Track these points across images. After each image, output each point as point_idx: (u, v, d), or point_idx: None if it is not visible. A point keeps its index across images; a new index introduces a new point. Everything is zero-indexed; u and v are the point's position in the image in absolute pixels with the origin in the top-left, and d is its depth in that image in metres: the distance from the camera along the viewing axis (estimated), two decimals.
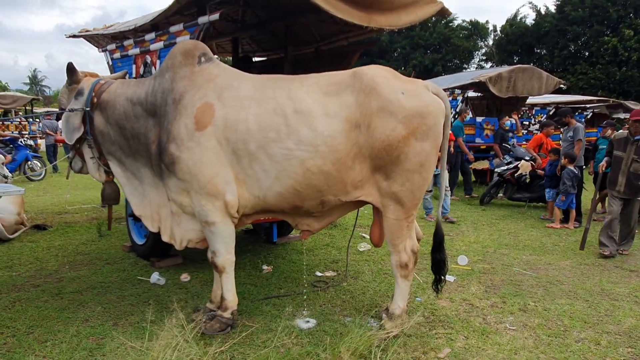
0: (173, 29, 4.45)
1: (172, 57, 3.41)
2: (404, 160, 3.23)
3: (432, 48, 37.07)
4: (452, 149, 8.79)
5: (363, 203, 3.53)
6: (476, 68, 37.10)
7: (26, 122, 17.92)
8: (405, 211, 3.35)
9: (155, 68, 4.78)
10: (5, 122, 16.43)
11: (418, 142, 3.23)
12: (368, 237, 6.42)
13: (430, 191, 7.97)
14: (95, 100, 3.55)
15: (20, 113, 20.39)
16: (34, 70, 58.12)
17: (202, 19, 4.00)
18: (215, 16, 3.89)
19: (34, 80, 56.54)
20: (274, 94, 3.26)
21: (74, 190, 9.41)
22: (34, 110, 19.83)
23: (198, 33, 4.11)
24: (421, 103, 3.24)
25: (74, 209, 8.25)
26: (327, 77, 3.35)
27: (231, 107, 3.25)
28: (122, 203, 4.76)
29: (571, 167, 7.54)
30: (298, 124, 3.14)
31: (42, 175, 12.11)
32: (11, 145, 11.39)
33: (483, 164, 11.29)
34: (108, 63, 5.78)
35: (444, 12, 4.52)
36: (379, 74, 3.28)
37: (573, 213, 7.64)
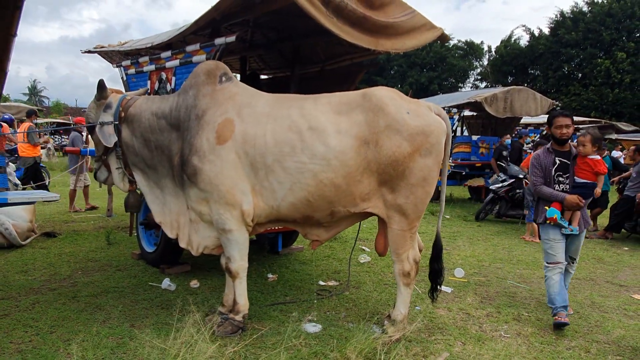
0: (189, 48, 4.72)
1: (196, 76, 3.67)
2: (409, 175, 3.49)
3: (429, 67, 37.78)
4: None
5: (369, 214, 3.77)
6: (471, 87, 37.78)
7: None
8: (409, 222, 3.61)
9: (170, 84, 5.05)
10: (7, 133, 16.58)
11: (422, 158, 3.50)
12: (368, 249, 6.67)
13: None
14: (122, 114, 3.81)
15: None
16: (34, 81, 58.40)
17: (219, 40, 4.27)
18: (232, 38, 4.16)
19: (33, 91, 56.81)
20: (289, 112, 3.53)
21: (78, 200, 9.59)
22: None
23: (214, 53, 4.38)
24: (424, 122, 3.52)
25: (80, 217, 8.45)
26: (339, 97, 3.62)
27: (249, 123, 3.51)
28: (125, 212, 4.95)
29: None
30: (312, 140, 3.40)
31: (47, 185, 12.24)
32: (16, 155, 11.55)
33: (478, 181, 11.59)
34: (122, 78, 6.04)
35: (443, 38, 4.85)
36: (386, 95, 3.56)
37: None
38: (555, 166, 4.21)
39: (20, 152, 9.78)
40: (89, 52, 6.57)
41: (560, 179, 4.20)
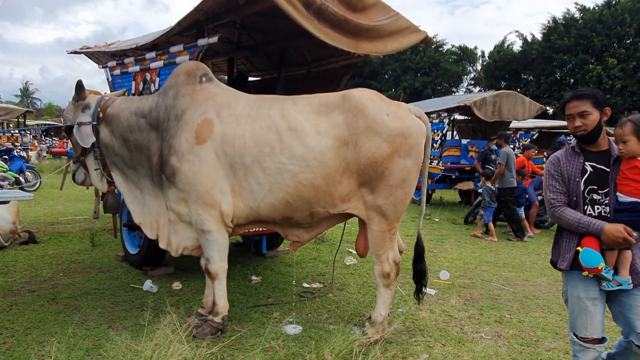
0: (173, 49, 4.71)
1: (176, 76, 3.66)
2: (388, 176, 3.49)
3: (422, 71, 37.93)
4: None
5: (350, 216, 3.77)
6: (465, 92, 37.94)
7: (18, 134, 18.02)
8: (389, 223, 3.60)
9: (154, 85, 5.03)
10: None
11: (401, 159, 3.50)
12: (354, 251, 6.65)
13: None
14: (101, 114, 3.79)
15: (11, 125, 20.51)
16: (26, 83, 58.18)
17: (202, 41, 4.26)
18: (214, 39, 4.16)
19: (26, 93, 56.54)
20: (269, 112, 3.52)
21: (65, 202, 9.53)
22: (26, 123, 19.96)
23: (197, 54, 4.37)
24: (404, 124, 3.52)
25: (67, 219, 8.38)
26: (318, 98, 3.62)
27: (229, 123, 3.50)
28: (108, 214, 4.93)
29: (488, 184, 8.40)
30: (291, 140, 3.39)
31: (36, 186, 12.19)
32: (5, 157, 11.50)
33: (468, 185, 11.62)
34: (108, 79, 6.01)
35: (427, 41, 4.85)
36: (366, 97, 3.56)
37: (491, 226, 8.37)
38: (586, 176, 2.66)
39: None
40: (75, 52, 6.54)
41: (595, 196, 2.63)
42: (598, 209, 2.65)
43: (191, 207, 3.52)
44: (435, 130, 11.90)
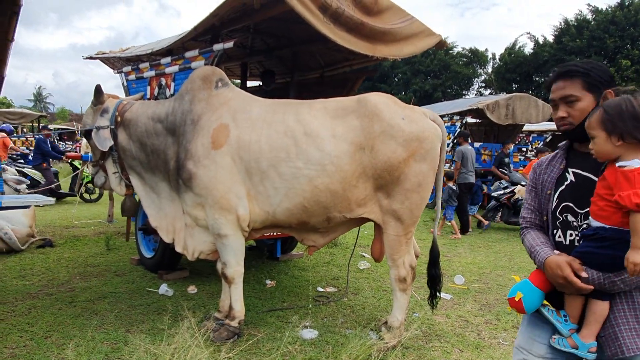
0: (188, 54, 4.74)
1: (192, 82, 3.69)
2: (404, 181, 3.48)
3: (433, 74, 37.78)
4: None
5: (365, 220, 3.76)
6: (475, 95, 37.73)
7: (32, 139, 18.22)
8: (405, 228, 3.59)
9: (169, 90, 5.07)
10: (11, 138, 16.76)
11: (417, 163, 3.49)
12: (368, 256, 6.63)
13: None
14: (119, 118, 3.83)
15: (25, 130, 20.77)
16: (39, 88, 58.90)
17: (217, 46, 4.29)
18: (230, 44, 4.18)
19: (39, 97, 57.26)
20: (284, 117, 3.53)
21: (80, 206, 9.63)
22: (48, 127, 20.19)
23: (213, 59, 4.40)
24: (419, 128, 3.51)
25: (81, 223, 8.47)
26: (334, 103, 3.63)
27: (244, 128, 3.51)
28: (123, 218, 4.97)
29: (450, 184, 8.70)
30: (307, 145, 3.40)
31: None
32: (21, 161, 11.66)
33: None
34: (123, 84, 6.07)
35: (442, 44, 4.86)
36: (381, 101, 3.56)
37: (453, 223, 8.72)
38: (562, 188, 1.88)
39: None
40: (91, 58, 6.62)
41: (570, 217, 1.84)
42: (571, 235, 1.82)
43: (208, 212, 3.54)
44: (447, 134, 11.85)
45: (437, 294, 3.97)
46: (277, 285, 5.18)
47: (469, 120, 12.90)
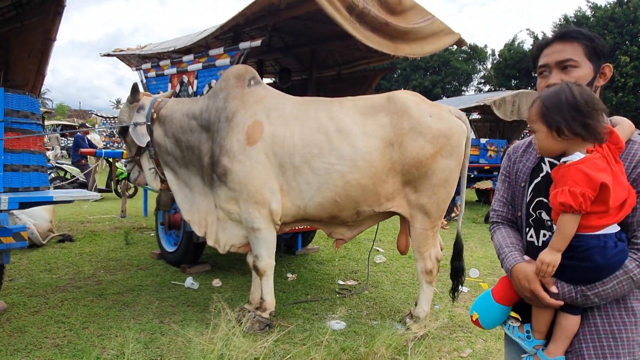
0: (212, 52, 4.83)
1: (226, 80, 3.79)
2: (431, 176, 3.60)
3: (432, 70, 37.89)
4: None
5: (392, 214, 3.87)
6: (475, 91, 37.86)
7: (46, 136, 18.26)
8: (432, 221, 3.71)
9: (192, 87, 5.16)
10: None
11: (444, 159, 3.61)
12: (383, 250, 6.76)
13: None
14: (154, 115, 3.93)
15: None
16: None
17: (244, 45, 4.37)
18: (257, 43, 4.27)
19: None
20: (316, 114, 3.64)
21: (92, 202, 9.72)
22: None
23: (239, 57, 4.49)
24: (446, 125, 3.63)
25: (95, 218, 8.56)
26: (364, 100, 3.74)
27: (278, 125, 3.62)
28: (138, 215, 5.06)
29: None
30: (339, 142, 3.51)
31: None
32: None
33: (487, 184, 11.67)
34: (142, 81, 6.14)
35: (460, 42, 4.97)
36: (410, 99, 3.67)
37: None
38: (537, 180, 1.64)
39: None
40: (108, 55, 6.70)
41: (545, 215, 1.59)
42: (545, 235, 1.60)
43: (242, 206, 3.65)
44: None
45: (460, 286, 4.09)
46: (298, 278, 5.30)
47: (475, 116, 13.03)
